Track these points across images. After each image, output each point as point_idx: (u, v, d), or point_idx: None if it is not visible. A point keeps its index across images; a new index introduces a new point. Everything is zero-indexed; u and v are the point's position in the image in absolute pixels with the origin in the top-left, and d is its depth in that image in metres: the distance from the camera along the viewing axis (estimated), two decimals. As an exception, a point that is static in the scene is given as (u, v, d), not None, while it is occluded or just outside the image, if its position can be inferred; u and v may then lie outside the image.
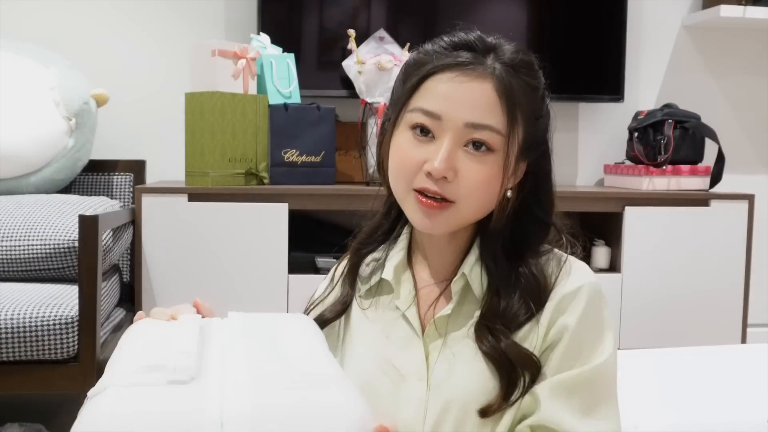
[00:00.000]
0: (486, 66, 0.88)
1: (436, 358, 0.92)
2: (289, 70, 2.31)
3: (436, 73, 0.89)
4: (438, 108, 0.88)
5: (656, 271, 2.34)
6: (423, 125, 0.88)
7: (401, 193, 0.92)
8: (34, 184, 2.17)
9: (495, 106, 0.87)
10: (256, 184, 2.20)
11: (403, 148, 0.91)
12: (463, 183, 0.88)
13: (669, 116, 2.48)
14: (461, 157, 0.88)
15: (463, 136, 0.87)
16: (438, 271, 0.97)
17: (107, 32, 2.51)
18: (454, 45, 0.90)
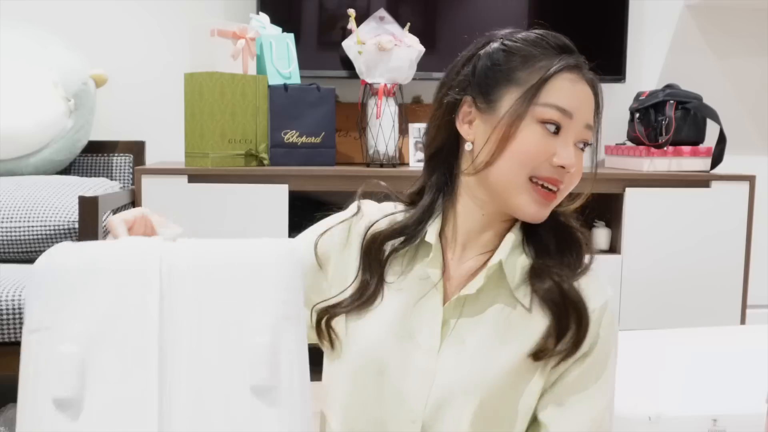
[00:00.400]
0: (585, 71, 0.99)
1: (450, 333, 0.94)
2: (289, 50, 2.30)
3: (563, 72, 0.95)
4: (572, 106, 0.95)
5: (656, 253, 2.34)
6: (555, 122, 0.94)
7: (519, 181, 0.94)
8: (33, 165, 2.17)
9: (594, 108, 1.00)
10: (256, 165, 2.19)
11: (535, 140, 0.93)
12: (574, 175, 0.96)
13: (670, 97, 2.47)
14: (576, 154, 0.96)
15: (580, 135, 0.96)
16: (469, 247, 0.99)
17: (106, 12, 2.50)
18: (560, 46, 0.98)
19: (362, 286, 0.98)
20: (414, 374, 0.93)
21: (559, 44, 0.98)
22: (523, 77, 0.94)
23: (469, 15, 2.54)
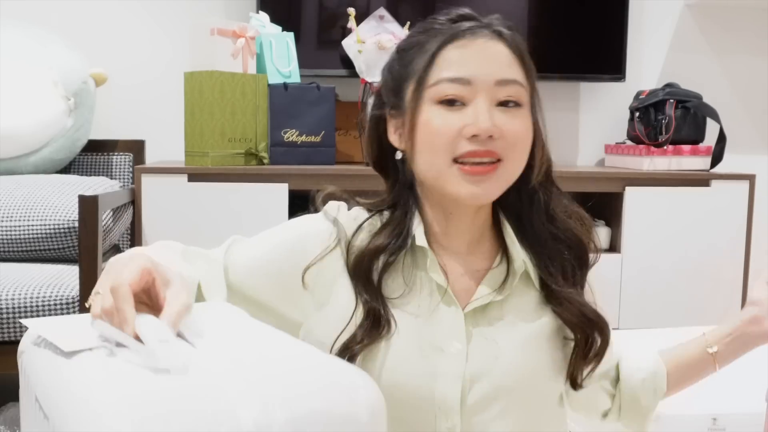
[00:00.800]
0: (489, 31, 0.91)
1: (474, 334, 0.91)
2: (289, 49, 2.30)
3: (450, 43, 0.89)
4: (466, 72, 0.88)
5: (656, 252, 2.34)
6: (453, 95, 0.88)
7: (441, 168, 0.89)
8: (33, 164, 2.16)
9: (513, 61, 0.91)
10: (256, 164, 2.19)
11: (434, 122, 0.89)
12: (508, 138, 0.88)
13: (670, 96, 2.47)
14: (498, 115, 0.88)
15: (495, 95, 0.89)
16: (460, 244, 0.96)
17: (105, 11, 2.49)
18: (452, 19, 0.92)
19: (369, 313, 0.89)
20: (446, 383, 0.89)
21: (452, 18, 0.92)
22: (416, 67, 0.91)
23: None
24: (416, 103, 0.90)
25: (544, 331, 0.94)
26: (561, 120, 2.75)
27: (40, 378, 0.68)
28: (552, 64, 2.65)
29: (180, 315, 0.71)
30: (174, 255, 0.93)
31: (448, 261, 0.95)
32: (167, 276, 0.74)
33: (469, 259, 0.96)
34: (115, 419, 0.56)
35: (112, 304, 0.69)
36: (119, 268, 0.72)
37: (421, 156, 0.91)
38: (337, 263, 0.94)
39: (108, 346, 0.67)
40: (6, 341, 1.65)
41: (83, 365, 0.65)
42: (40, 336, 0.73)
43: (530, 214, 0.96)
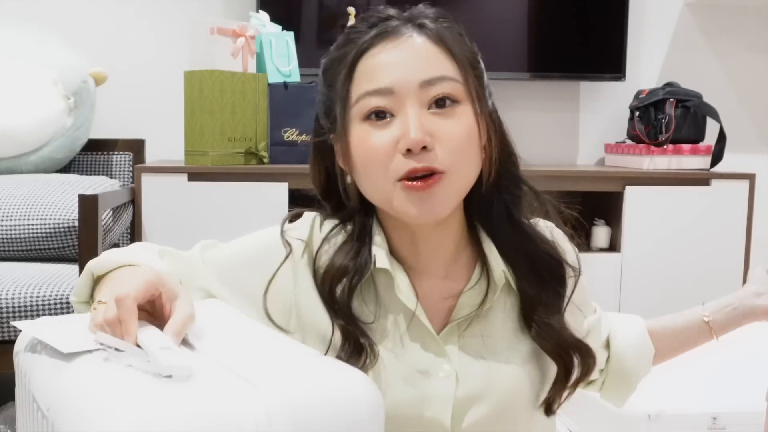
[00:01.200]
0: (410, 26, 0.83)
1: (462, 354, 0.86)
2: (289, 48, 2.30)
3: (365, 52, 0.81)
4: (385, 81, 0.80)
5: (656, 251, 2.34)
6: (377, 108, 0.80)
7: (386, 189, 0.81)
8: (33, 163, 2.16)
9: (439, 55, 0.82)
10: (256, 163, 2.19)
11: (365, 141, 0.81)
12: (446, 145, 0.79)
13: (670, 95, 2.47)
14: (431, 120, 0.80)
15: (424, 98, 0.80)
16: (429, 265, 0.88)
17: (105, 10, 2.49)
18: (369, 25, 0.83)
19: (348, 337, 0.82)
20: (437, 407, 0.84)
21: (371, 23, 0.83)
22: (339, 86, 0.83)
23: (469, 13, 2.54)
24: (344, 124, 0.83)
25: (532, 345, 0.88)
26: (561, 119, 2.75)
27: (38, 378, 0.68)
28: (552, 64, 2.65)
29: (185, 326, 0.70)
30: (152, 254, 0.91)
31: (423, 281, 0.87)
32: (174, 289, 0.73)
33: (447, 276, 0.88)
34: (116, 421, 0.56)
35: (115, 315, 0.68)
36: (125, 279, 0.71)
37: (363, 180, 0.83)
38: (301, 280, 0.87)
39: (106, 349, 0.67)
40: (6, 340, 1.65)
41: (83, 367, 0.65)
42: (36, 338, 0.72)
43: (493, 222, 0.88)
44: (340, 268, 0.85)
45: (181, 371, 0.61)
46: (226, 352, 0.68)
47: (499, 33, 2.59)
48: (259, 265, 0.88)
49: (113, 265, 0.86)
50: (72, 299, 0.89)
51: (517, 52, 2.63)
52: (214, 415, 0.57)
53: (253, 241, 0.93)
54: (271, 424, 0.58)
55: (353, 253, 0.85)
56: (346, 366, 0.71)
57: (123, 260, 0.86)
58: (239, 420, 0.57)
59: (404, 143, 0.78)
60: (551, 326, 0.86)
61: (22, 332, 0.76)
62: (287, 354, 0.72)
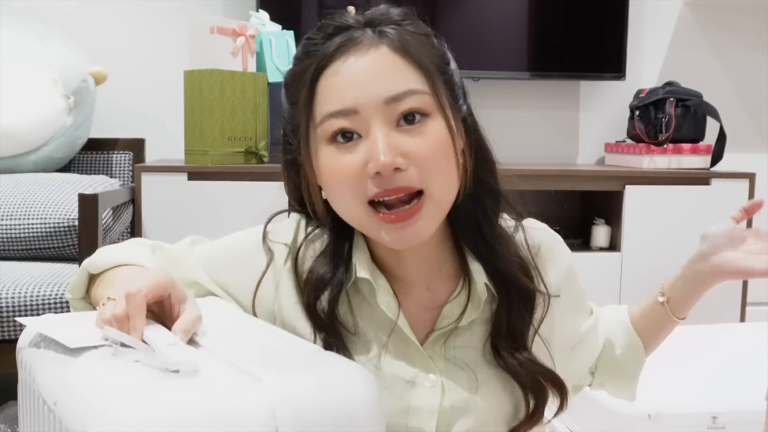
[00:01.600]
0: (369, 34, 0.77)
1: (447, 365, 0.83)
2: (289, 47, 2.30)
3: (324, 69, 0.76)
4: (347, 101, 0.75)
5: (656, 250, 2.34)
6: (342, 129, 0.75)
7: (358, 213, 0.77)
8: (33, 162, 2.16)
9: (402, 66, 0.76)
10: (256, 162, 2.19)
11: (332, 164, 0.76)
12: (420, 163, 0.75)
13: (670, 94, 2.47)
14: (401, 139, 0.75)
15: (391, 115, 0.75)
16: (413, 277, 0.85)
17: (105, 9, 2.49)
18: (325, 36, 0.78)
19: (327, 348, 0.80)
20: (421, 417, 0.81)
21: (327, 33, 0.78)
22: (302, 105, 0.78)
23: (470, 12, 2.54)
24: (308, 146, 0.78)
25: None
26: (561, 118, 2.75)
27: (44, 373, 0.69)
28: (552, 63, 2.65)
29: (194, 326, 0.70)
30: (145, 251, 0.91)
31: (406, 291, 0.85)
32: (184, 292, 0.73)
33: (430, 286, 0.86)
34: (126, 413, 0.57)
35: (123, 311, 0.67)
36: (136, 277, 0.71)
37: (335, 203, 0.80)
38: (283, 287, 0.85)
39: (113, 344, 0.68)
40: (6, 339, 1.65)
41: (90, 362, 0.66)
42: (41, 333, 0.73)
43: (466, 234, 0.84)
44: (321, 278, 0.82)
45: (188, 366, 0.62)
46: (229, 348, 0.69)
47: (499, 32, 2.59)
48: (242, 265, 0.87)
49: (109, 264, 0.86)
50: (68, 296, 0.89)
51: (517, 52, 2.63)
52: (220, 407, 0.58)
53: (238, 241, 0.91)
54: (275, 416, 0.59)
55: (333, 263, 0.82)
56: (346, 360, 0.71)
57: (119, 259, 0.86)
58: (244, 413, 0.58)
59: (372, 166, 0.74)
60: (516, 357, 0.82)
61: (26, 328, 0.76)
62: (289, 349, 0.73)
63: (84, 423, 0.58)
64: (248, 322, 0.81)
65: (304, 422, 0.60)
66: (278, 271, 0.85)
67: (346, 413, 0.63)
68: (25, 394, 0.73)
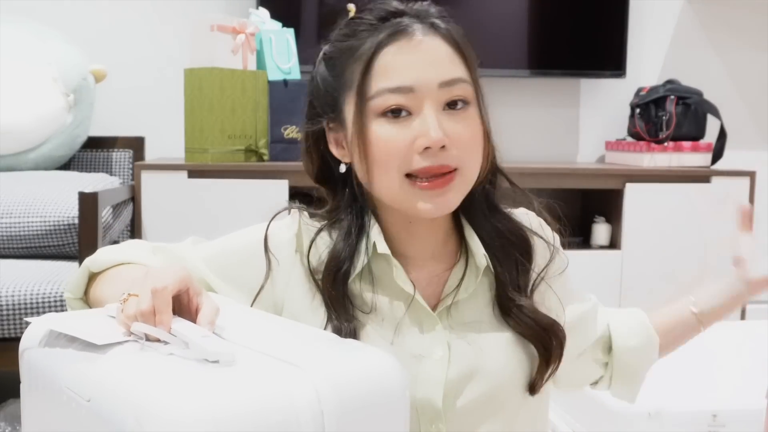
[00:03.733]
0: (422, 24, 0.84)
1: (451, 336, 0.88)
2: (289, 45, 2.30)
3: (383, 48, 0.82)
4: (406, 80, 0.82)
5: (657, 248, 2.34)
6: (396, 106, 0.82)
7: (396, 185, 0.83)
8: (33, 160, 2.16)
9: (453, 57, 0.84)
10: (256, 160, 2.19)
11: (383, 138, 0.82)
12: (460, 145, 0.83)
13: (671, 92, 2.46)
14: (446, 121, 0.83)
15: (441, 98, 0.83)
16: (424, 251, 0.91)
17: (105, 7, 2.49)
18: (382, 17, 0.85)
19: (338, 332, 0.83)
20: (428, 388, 0.85)
21: (380, 16, 0.85)
22: (351, 77, 0.84)
23: (470, 10, 2.54)
24: (360, 118, 0.83)
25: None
26: (561, 117, 2.75)
27: (70, 371, 0.68)
28: (553, 61, 2.65)
29: (216, 316, 0.72)
30: (146, 251, 0.92)
31: (413, 268, 0.90)
32: (199, 286, 0.74)
33: (434, 263, 0.91)
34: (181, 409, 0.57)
35: (150, 306, 0.68)
36: (158, 273, 0.71)
37: (374, 174, 0.84)
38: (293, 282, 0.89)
39: (138, 340, 0.68)
40: (6, 338, 1.65)
41: (123, 357, 0.66)
42: (53, 332, 0.72)
43: (472, 207, 0.91)
44: (343, 259, 0.87)
45: (227, 356, 0.63)
46: (254, 339, 0.70)
47: (499, 30, 2.58)
48: (248, 260, 0.90)
49: (111, 263, 0.87)
50: (66, 295, 0.90)
51: (518, 50, 2.63)
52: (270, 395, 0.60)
53: (241, 237, 0.94)
54: (320, 401, 0.61)
55: (353, 243, 0.87)
56: (369, 346, 0.73)
57: (119, 258, 0.87)
58: (292, 399, 0.60)
59: (424, 141, 0.81)
60: (523, 309, 0.88)
61: (30, 328, 0.76)
62: (310, 337, 0.74)
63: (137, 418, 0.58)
64: (260, 314, 0.82)
65: (346, 405, 0.62)
66: (285, 268, 0.88)
67: (382, 394, 0.66)
68: (37, 393, 0.73)
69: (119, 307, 0.71)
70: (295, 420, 0.59)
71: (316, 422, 0.60)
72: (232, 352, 0.64)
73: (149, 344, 0.67)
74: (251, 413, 0.58)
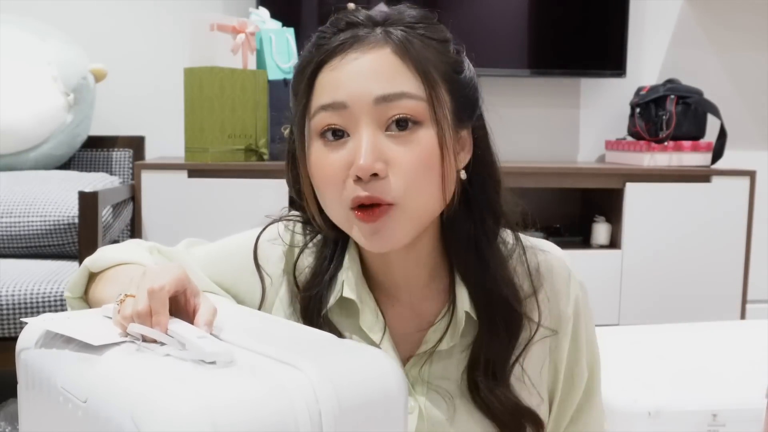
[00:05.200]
0: (376, 34, 0.75)
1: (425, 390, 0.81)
2: (289, 44, 2.30)
3: (325, 63, 0.75)
4: (338, 95, 0.73)
5: (657, 248, 2.34)
6: (330, 125, 0.74)
7: (341, 214, 0.76)
8: (33, 160, 2.16)
9: (401, 69, 0.73)
10: (256, 160, 2.19)
11: (320, 161, 0.75)
12: (399, 173, 0.72)
13: (671, 92, 2.46)
14: (387, 144, 0.73)
15: (381, 117, 0.73)
16: (402, 290, 0.83)
17: (105, 6, 2.49)
18: (335, 30, 0.76)
19: None
20: None
21: (338, 27, 0.76)
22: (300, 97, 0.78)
23: (470, 10, 2.54)
24: (301, 139, 0.78)
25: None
26: (561, 116, 2.75)
27: (66, 372, 0.68)
28: (553, 60, 2.65)
29: (214, 317, 0.70)
30: (144, 251, 0.91)
31: (394, 307, 0.83)
32: (196, 286, 0.73)
33: (419, 301, 0.83)
34: (178, 409, 0.57)
35: (146, 306, 0.67)
36: (155, 273, 0.69)
37: (321, 200, 0.78)
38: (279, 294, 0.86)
39: (134, 341, 0.68)
40: (6, 337, 1.65)
41: (120, 358, 0.66)
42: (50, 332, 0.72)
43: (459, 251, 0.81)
44: (317, 292, 0.82)
45: (225, 357, 0.63)
46: (250, 339, 0.69)
47: (499, 29, 2.58)
48: (242, 279, 0.88)
49: (111, 262, 0.86)
50: (66, 294, 0.89)
51: (518, 49, 2.63)
52: (268, 396, 0.59)
53: (236, 243, 0.91)
54: (318, 402, 0.60)
55: (330, 271, 0.82)
56: (366, 345, 0.72)
57: (119, 258, 0.86)
58: (290, 400, 0.59)
59: (353, 170, 0.72)
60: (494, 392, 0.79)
61: (26, 329, 0.76)
62: (307, 337, 0.73)
63: (133, 418, 0.57)
64: (257, 315, 0.82)
65: (344, 405, 0.62)
66: (275, 286, 0.86)
67: (380, 393, 0.65)
68: (33, 393, 0.73)
69: (116, 308, 0.70)
70: (293, 420, 0.59)
71: (314, 422, 0.60)
72: (229, 352, 0.63)
73: (146, 345, 0.67)
74: (249, 414, 0.58)
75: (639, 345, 1.56)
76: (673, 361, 1.49)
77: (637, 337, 1.61)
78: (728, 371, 1.44)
